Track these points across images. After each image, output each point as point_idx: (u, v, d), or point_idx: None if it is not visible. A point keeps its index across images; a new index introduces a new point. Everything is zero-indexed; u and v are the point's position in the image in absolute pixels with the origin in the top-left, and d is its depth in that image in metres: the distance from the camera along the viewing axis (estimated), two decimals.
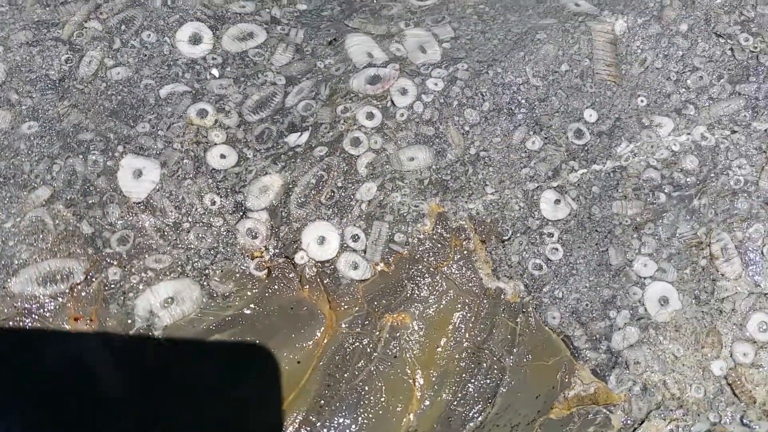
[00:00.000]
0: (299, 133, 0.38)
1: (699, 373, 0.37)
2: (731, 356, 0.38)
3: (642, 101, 0.41)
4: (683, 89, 0.41)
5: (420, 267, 0.35)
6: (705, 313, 0.38)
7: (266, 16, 0.42)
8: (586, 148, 0.39)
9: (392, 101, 0.38)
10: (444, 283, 0.35)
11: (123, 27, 0.39)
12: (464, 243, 0.36)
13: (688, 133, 0.40)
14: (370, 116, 0.38)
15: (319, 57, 0.41)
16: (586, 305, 0.37)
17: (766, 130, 0.41)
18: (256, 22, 0.42)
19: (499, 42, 0.41)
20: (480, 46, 0.41)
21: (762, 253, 0.39)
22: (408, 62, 0.40)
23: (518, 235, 0.37)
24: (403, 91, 0.38)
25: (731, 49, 0.42)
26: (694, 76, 0.42)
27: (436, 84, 0.39)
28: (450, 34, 0.42)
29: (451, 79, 0.39)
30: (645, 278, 0.38)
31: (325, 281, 0.35)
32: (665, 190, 0.39)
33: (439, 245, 0.36)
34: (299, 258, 0.35)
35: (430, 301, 0.35)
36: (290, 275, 0.35)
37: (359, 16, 0.43)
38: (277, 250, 0.36)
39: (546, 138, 0.38)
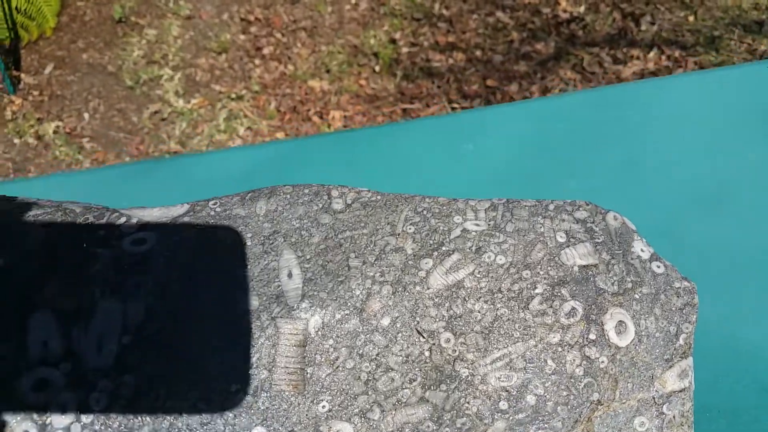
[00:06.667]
0: None
1: None
2: None
3: (324, 407, 0.40)
4: (372, 391, 0.41)
5: None
6: None
7: None
8: None
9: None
10: None
11: None
12: None
13: None
14: None
15: None
16: None
17: None
18: None
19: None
20: (156, 354, 0.40)
21: None
22: (82, 364, 0.39)
23: None
24: (64, 410, 0.38)
25: (430, 350, 0.41)
26: (386, 377, 0.41)
27: (98, 401, 0.38)
28: (139, 322, 0.41)
29: (116, 396, 0.38)
30: None
31: None
32: None
33: None
34: None
35: None
36: None
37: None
38: None
39: None
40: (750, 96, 0.74)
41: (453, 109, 1.63)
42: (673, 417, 0.42)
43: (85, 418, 0.38)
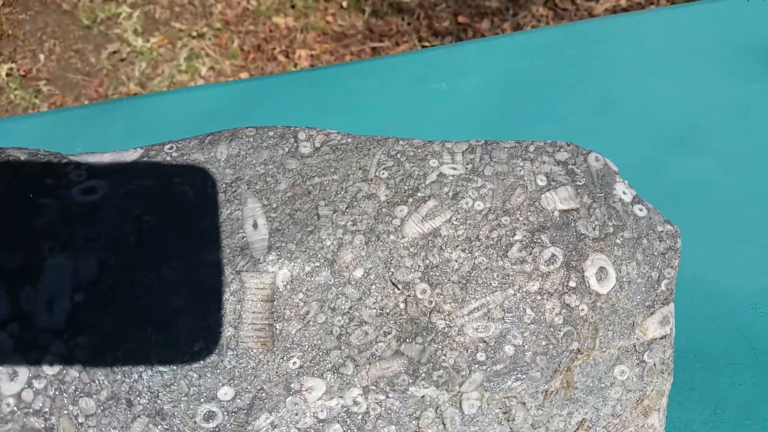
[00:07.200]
0: None
1: None
2: None
3: (295, 363, 0.38)
4: (345, 345, 0.39)
5: None
6: None
7: None
8: (217, 430, 0.37)
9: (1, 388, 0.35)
10: None
11: None
12: None
13: (341, 397, 0.38)
14: None
15: None
16: None
17: (422, 397, 0.39)
18: None
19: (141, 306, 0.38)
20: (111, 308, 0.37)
21: None
22: (31, 325, 0.36)
23: None
24: (13, 375, 0.35)
25: (405, 302, 0.39)
26: (360, 330, 0.39)
27: (51, 365, 0.36)
28: (91, 278, 0.38)
29: (70, 359, 0.36)
30: None
31: None
32: None
33: None
34: None
35: None
36: None
37: None
38: None
39: (168, 428, 0.36)
40: (724, 32, 0.72)
41: (423, 47, 1.58)
42: (654, 365, 0.41)
43: (38, 384, 0.36)
